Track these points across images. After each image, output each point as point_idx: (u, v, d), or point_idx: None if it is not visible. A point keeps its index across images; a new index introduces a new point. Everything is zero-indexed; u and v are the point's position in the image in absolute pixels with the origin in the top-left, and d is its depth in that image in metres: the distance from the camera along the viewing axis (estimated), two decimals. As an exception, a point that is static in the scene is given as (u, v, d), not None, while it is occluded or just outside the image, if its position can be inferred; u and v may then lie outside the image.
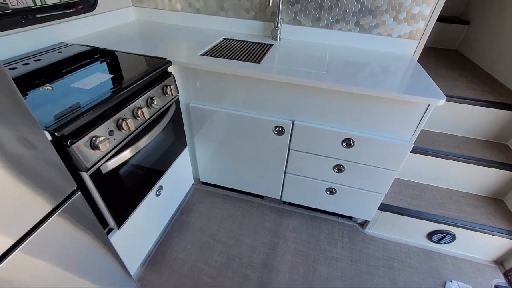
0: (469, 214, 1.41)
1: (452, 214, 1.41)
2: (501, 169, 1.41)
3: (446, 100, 1.50)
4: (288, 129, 1.20)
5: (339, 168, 1.28)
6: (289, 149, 1.28)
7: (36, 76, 0.92)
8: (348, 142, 1.17)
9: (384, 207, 1.41)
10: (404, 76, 1.12)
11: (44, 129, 0.65)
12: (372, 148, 1.15)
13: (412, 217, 1.40)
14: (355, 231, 1.53)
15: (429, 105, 0.99)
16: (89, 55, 1.11)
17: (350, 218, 1.58)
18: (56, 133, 0.67)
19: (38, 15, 1.08)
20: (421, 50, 1.38)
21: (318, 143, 1.21)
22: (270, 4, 1.17)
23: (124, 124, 0.85)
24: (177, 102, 1.22)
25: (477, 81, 1.73)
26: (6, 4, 1.00)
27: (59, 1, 1.17)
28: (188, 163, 1.48)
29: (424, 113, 1.02)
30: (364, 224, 1.56)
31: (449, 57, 2.17)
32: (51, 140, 0.66)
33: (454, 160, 1.45)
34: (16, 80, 0.88)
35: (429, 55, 2.19)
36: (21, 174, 0.54)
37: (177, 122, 1.25)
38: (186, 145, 1.40)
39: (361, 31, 1.38)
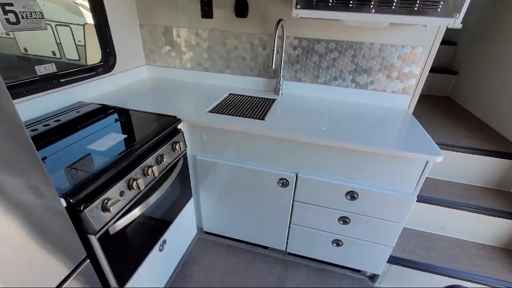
0: (483, 267, 1.36)
1: (465, 267, 1.36)
2: (508, 218, 1.39)
3: (445, 149, 1.55)
4: (292, 181, 1.23)
5: (344, 220, 1.27)
6: (293, 201, 1.29)
7: (55, 137, 0.98)
8: (352, 195, 1.18)
9: (393, 260, 1.37)
10: (402, 131, 1.18)
11: (60, 196, 0.68)
12: (376, 200, 1.16)
13: (424, 271, 1.35)
14: (365, 285, 1.46)
15: (427, 161, 1.03)
16: (105, 115, 1.19)
17: (358, 271, 1.52)
18: (71, 200, 0.70)
19: (62, 80, 1.19)
20: (415, 103, 1.46)
21: (322, 195, 1.22)
22: (273, 67, 1.29)
23: (135, 184, 0.88)
24: (185, 155, 1.27)
25: (472, 129, 1.80)
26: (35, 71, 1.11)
27: (83, 65, 1.30)
28: (192, 213, 1.48)
29: (424, 168, 1.05)
30: (373, 277, 1.49)
31: (442, 104, 2.28)
32: (66, 207, 0.68)
33: (460, 209, 1.44)
34: (35, 138, 0.94)
35: (423, 102, 2.31)
36: (37, 239, 0.56)
37: (184, 175, 1.28)
38: (191, 196, 1.42)
39: (358, 87, 1.49)
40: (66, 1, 1.24)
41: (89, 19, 1.33)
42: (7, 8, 0.99)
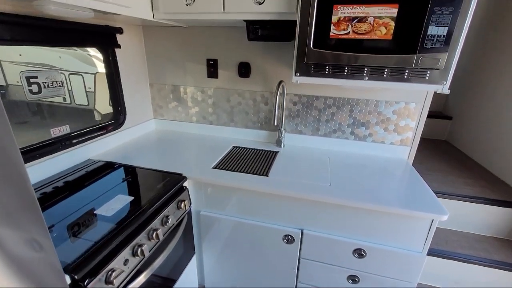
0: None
1: (487, 331, 1.26)
2: (525, 274, 1.34)
3: (450, 199, 1.54)
4: (297, 238, 1.21)
5: (353, 279, 1.22)
6: (299, 258, 1.25)
7: (63, 200, 1.00)
8: (359, 252, 1.15)
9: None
10: (404, 185, 1.19)
11: (65, 271, 0.67)
12: (385, 259, 1.13)
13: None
14: None
15: (433, 219, 1.03)
16: (113, 174, 1.22)
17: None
18: (75, 276, 0.69)
19: (74, 140, 1.24)
20: (414, 154, 1.50)
21: (329, 253, 1.19)
22: (275, 124, 1.36)
23: (139, 250, 0.88)
24: (189, 212, 1.27)
25: (473, 175, 1.81)
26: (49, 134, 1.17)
27: (95, 125, 1.37)
28: (194, 271, 1.42)
29: (430, 226, 1.04)
30: None
31: (440, 148, 2.32)
32: (69, 284, 0.67)
33: (473, 263, 1.38)
34: (42, 201, 0.96)
35: (421, 145, 2.36)
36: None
37: (187, 232, 1.26)
38: (194, 253, 1.38)
39: (357, 139, 1.54)
40: (81, 53, 1.34)
41: (101, 68, 1.42)
42: (31, 80, 1.08)
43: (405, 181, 1.24)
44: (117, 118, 1.51)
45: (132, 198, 1.03)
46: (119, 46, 1.39)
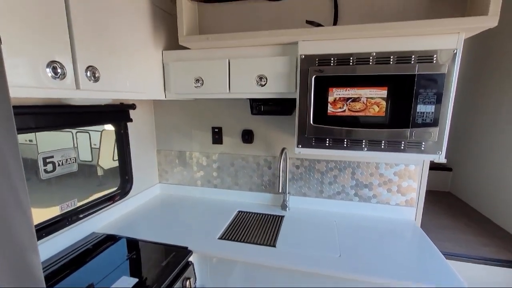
0: None
1: None
2: None
3: (469, 262, 1.48)
4: (310, 317, 1.12)
5: None
6: None
7: (66, 284, 0.96)
8: (379, 334, 1.06)
9: None
10: (415, 252, 1.16)
11: None
12: None
13: None
14: None
15: (453, 295, 0.97)
16: (117, 250, 1.19)
17: None
18: None
19: (81, 215, 1.25)
20: (421, 214, 1.49)
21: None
22: (280, 191, 1.38)
23: None
24: (194, 289, 1.20)
25: (486, 233, 1.76)
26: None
27: (101, 197, 1.39)
28: None
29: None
30: None
31: (444, 200, 2.30)
32: None
33: None
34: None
35: (426, 198, 2.34)
36: None
37: (191, 313, 1.18)
38: (198, 335, 1.26)
39: (361, 201, 1.55)
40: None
41: (107, 126, 1.46)
42: (48, 160, 1.14)
43: (416, 247, 1.20)
44: (124, 187, 1.53)
45: (136, 280, 0.99)
46: (131, 120, 1.49)
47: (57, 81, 0.80)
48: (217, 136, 1.69)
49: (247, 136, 1.62)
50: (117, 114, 1.41)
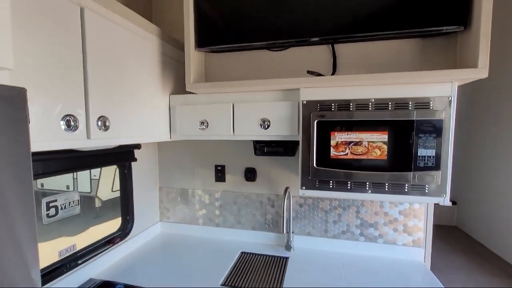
0: None
1: None
2: None
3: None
4: None
5: None
6: None
7: None
8: None
9: None
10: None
11: None
12: None
13: None
14: None
15: None
16: (115, 298, 1.14)
17: None
18: None
19: (80, 260, 1.21)
20: (430, 255, 1.44)
21: None
22: (284, 232, 1.35)
23: None
24: None
25: (500, 273, 1.69)
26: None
27: (101, 239, 1.35)
28: None
29: None
30: None
31: (452, 236, 2.25)
32: None
33: None
34: None
35: (434, 234, 2.28)
36: None
37: None
38: None
39: (367, 240, 1.51)
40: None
41: None
42: (51, 204, 1.13)
43: (428, 296, 1.15)
44: (125, 228, 1.50)
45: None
46: (136, 160, 1.51)
47: (69, 133, 0.82)
48: (220, 173, 1.69)
49: (250, 174, 1.63)
50: (123, 154, 1.43)
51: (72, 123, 0.82)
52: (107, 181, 1.49)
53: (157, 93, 1.28)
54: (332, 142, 1.13)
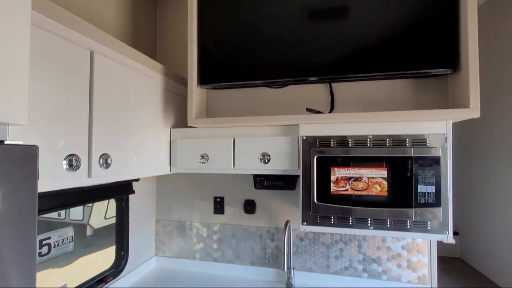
0: None
1: None
2: None
3: None
4: None
5: None
6: None
7: None
8: None
9: None
10: None
11: None
12: None
13: None
14: None
15: None
16: None
17: None
18: None
19: (70, 302, 1.14)
20: (436, 293, 1.39)
21: None
22: (285, 269, 1.31)
23: None
24: None
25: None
26: None
27: (92, 278, 1.29)
28: None
29: None
30: None
31: (457, 268, 2.18)
32: None
33: None
34: None
35: (439, 266, 2.21)
36: None
37: None
38: None
39: (371, 277, 1.46)
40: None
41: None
42: (44, 242, 1.10)
43: None
44: (118, 265, 1.44)
45: None
46: (133, 192, 1.49)
47: (71, 173, 0.82)
48: (218, 206, 1.67)
49: (250, 207, 1.61)
50: (121, 187, 1.42)
51: (74, 163, 0.82)
52: (100, 208, 1.45)
53: (158, 127, 1.30)
54: (332, 178, 1.14)
